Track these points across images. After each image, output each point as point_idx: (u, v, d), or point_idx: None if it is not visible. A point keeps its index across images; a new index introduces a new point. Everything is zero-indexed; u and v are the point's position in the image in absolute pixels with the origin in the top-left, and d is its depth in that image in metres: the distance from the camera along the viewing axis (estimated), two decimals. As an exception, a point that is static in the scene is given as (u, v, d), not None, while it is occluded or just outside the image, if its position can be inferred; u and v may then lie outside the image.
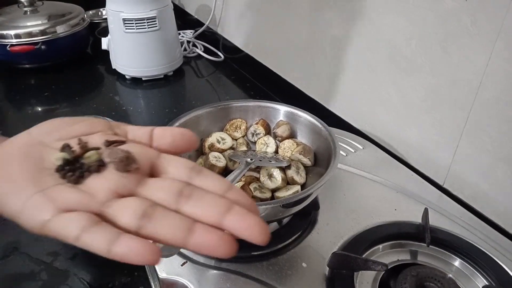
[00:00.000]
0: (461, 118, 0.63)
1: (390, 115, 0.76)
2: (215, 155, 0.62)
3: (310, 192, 0.50)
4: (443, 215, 0.60)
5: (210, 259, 0.53)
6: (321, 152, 0.61)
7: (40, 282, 0.60)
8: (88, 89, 1.14)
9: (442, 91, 0.65)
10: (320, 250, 0.54)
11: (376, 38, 0.74)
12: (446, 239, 0.55)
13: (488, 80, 0.57)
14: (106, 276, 0.61)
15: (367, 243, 0.54)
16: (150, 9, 1.06)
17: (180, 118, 0.63)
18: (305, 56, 0.94)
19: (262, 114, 0.68)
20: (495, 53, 0.55)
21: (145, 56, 1.12)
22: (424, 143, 0.71)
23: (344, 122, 0.88)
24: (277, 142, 0.66)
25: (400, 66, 0.70)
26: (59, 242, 0.66)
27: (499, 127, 0.58)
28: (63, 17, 1.24)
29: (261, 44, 1.12)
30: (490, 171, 0.61)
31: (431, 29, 0.63)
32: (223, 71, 1.25)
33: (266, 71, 1.11)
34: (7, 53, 1.15)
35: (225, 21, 1.28)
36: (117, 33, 1.10)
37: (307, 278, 0.50)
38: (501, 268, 0.51)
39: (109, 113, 1.03)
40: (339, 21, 0.81)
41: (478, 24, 0.56)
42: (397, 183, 0.66)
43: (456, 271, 0.53)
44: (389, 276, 0.51)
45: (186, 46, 1.33)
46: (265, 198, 0.57)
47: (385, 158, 0.73)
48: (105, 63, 1.21)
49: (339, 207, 0.62)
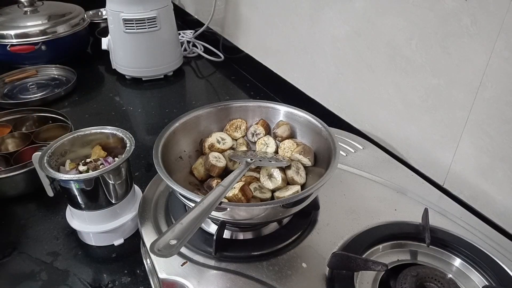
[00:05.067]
0: (461, 118, 0.63)
1: (390, 115, 0.76)
2: (215, 155, 0.62)
3: (310, 192, 0.50)
4: (443, 215, 0.60)
5: (210, 259, 0.53)
6: (321, 152, 0.61)
7: (40, 282, 0.60)
8: (88, 89, 1.14)
9: (442, 91, 0.65)
10: (320, 250, 0.54)
11: (376, 38, 0.74)
12: (446, 239, 0.55)
13: (488, 80, 0.57)
14: (106, 276, 0.61)
15: (367, 243, 0.54)
16: (150, 9, 1.06)
17: (180, 118, 0.63)
18: (305, 56, 0.94)
19: (262, 114, 0.68)
20: (495, 53, 0.55)
21: (145, 56, 1.12)
22: (424, 143, 0.71)
23: (344, 122, 0.88)
24: (277, 142, 0.66)
25: (400, 66, 0.70)
26: (59, 242, 0.66)
27: (499, 127, 0.58)
28: (63, 17, 1.24)
29: (261, 44, 1.12)
30: (490, 171, 0.61)
31: (431, 29, 0.63)
32: (223, 71, 1.25)
33: (266, 71, 1.11)
34: (7, 53, 1.15)
35: (225, 21, 1.28)
36: (117, 33, 1.10)
37: (307, 278, 0.50)
38: (501, 268, 0.51)
39: (109, 113, 1.03)
40: (339, 21, 0.81)
41: (478, 24, 0.56)
42: (397, 183, 0.66)
43: (456, 271, 0.53)
44: (389, 276, 0.51)
45: (186, 46, 1.34)
46: (265, 198, 0.57)
47: (385, 158, 0.73)
48: (105, 63, 1.21)
49: (339, 207, 0.61)
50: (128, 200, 0.64)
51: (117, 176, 0.60)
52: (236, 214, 0.50)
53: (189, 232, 0.42)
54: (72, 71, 1.16)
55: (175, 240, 0.40)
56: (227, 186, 0.49)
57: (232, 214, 0.49)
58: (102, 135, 0.66)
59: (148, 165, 0.83)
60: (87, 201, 0.60)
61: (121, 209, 0.64)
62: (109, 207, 0.62)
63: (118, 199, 0.63)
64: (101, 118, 1.01)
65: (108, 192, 0.60)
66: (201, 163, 0.62)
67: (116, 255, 0.65)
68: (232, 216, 0.50)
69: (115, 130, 0.65)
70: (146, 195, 0.63)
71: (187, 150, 0.64)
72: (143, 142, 0.91)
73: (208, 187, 0.60)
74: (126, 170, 0.62)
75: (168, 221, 0.59)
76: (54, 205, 0.73)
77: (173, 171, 0.56)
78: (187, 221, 0.43)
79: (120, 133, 0.65)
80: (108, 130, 0.66)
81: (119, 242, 0.66)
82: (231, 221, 0.52)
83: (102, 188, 0.59)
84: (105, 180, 0.59)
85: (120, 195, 0.63)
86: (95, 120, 1.00)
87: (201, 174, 0.62)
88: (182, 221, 0.43)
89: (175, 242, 0.40)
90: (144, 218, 0.59)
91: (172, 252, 0.39)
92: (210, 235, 0.55)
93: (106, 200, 0.61)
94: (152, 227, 0.57)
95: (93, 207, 0.61)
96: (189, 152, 0.64)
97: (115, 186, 0.61)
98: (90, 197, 0.60)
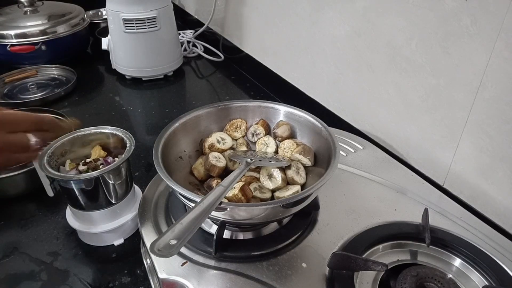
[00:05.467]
0: (461, 118, 0.63)
1: (390, 115, 0.76)
2: (215, 155, 0.62)
3: (310, 192, 0.50)
4: (443, 215, 0.60)
5: (210, 259, 0.53)
6: (321, 152, 0.61)
7: (40, 282, 0.60)
8: (88, 89, 1.14)
9: (442, 91, 0.65)
10: (320, 250, 0.54)
11: (376, 38, 0.74)
12: (446, 239, 0.55)
13: (488, 80, 0.57)
14: (106, 276, 0.61)
15: (367, 243, 0.54)
16: (150, 9, 1.06)
17: (180, 118, 0.63)
18: (305, 56, 0.94)
19: (262, 114, 0.68)
20: (495, 53, 0.55)
21: (145, 56, 1.12)
22: (424, 143, 0.71)
23: (344, 122, 0.88)
24: (277, 142, 0.66)
25: (400, 66, 0.70)
26: (59, 242, 0.66)
27: (499, 127, 0.58)
28: (63, 17, 1.24)
29: (261, 44, 1.12)
30: (490, 171, 0.61)
31: (431, 29, 0.63)
32: (223, 71, 1.25)
33: (266, 71, 1.11)
34: (7, 53, 1.15)
35: (225, 21, 1.28)
36: (117, 33, 1.10)
37: (307, 278, 0.50)
38: (501, 268, 0.51)
39: (109, 113, 1.03)
40: (339, 21, 0.81)
41: (478, 24, 0.56)
42: (397, 183, 0.66)
43: (456, 271, 0.53)
44: (389, 276, 0.51)
45: (186, 46, 1.33)
46: (265, 198, 0.57)
47: (385, 158, 0.73)
48: (105, 63, 1.21)
49: (339, 207, 0.61)
50: (128, 200, 0.64)
51: (117, 176, 0.60)
52: (236, 214, 0.50)
53: (189, 232, 0.42)
54: (72, 71, 1.16)
55: (175, 240, 0.40)
56: (227, 186, 0.49)
57: (232, 214, 0.49)
58: (102, 135, 0.66)
59: (148, 165, 0.83)
60: (87, 201, 0.60)
61: (121, 209, 0.64)
62: (109, 207, 0.62)
63: (118, 199, 0.63)
64: (101, 118, 1.01)
65: (108, 192, 0.60)
66: (201, 163, 0.62)
67: (116, 255, 0.65)
68: (232, 216, 0.50)
69: (115, 130, 0.65)
70: (146, 195, 0.63)
71: (187, 150, 0.64)
72: (143, 142, 0.91)
73: (208, 187, 0.60)
74: (126, 170, 0.62)
75: (168, 221, 0.59)
76: (54, 205, 0.73)
77: (173, 171, 0.56)
78: (187, 221, 0.43)
79: (120, 133, 0.65)
80: (108, 130, 0.66)
81: (119, 242, 0.66)
82: (231, 221, 0.52)
83: (102, 188, 0.59)
84: (105, 180, 0.59)
85: (120, 195, 0.63)
86: (95, 120, 1.00)
87: (201, 174, 0.62)
88: (182, 221, 0.43)
89: (175, 242, 0.40)
90: (144, 218, 0.59)
91: (172, 252, 0.39)
92: (210, 235, 0.55)
93: (106, 200, 0.61)
94: (152, 227, 0.57)
95: (93, 207, 0.61)
96: (189, 152, 0.64)
97: (115, 186, 0.61)
98: (90, 197, 0.60)
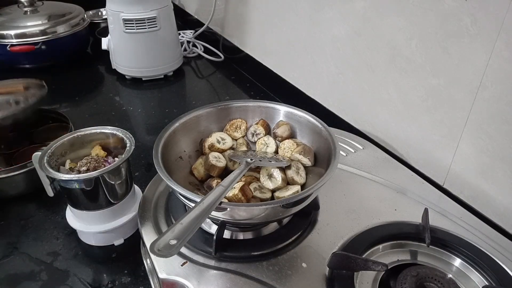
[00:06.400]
0: (461, 118, 0.63)
1: (390, 115, 0.76)
2: (215, 155, 0.62)
3: (310, 192, 0.50)
4: (443, 215, 0.60)
5: (210, 259, 0.53)
6: (321, 152, 0.61)
7: (40, 282, 0.60)
8: (88, 89, 1.14)
9: (442, 91, 0.65)
10: (320, 250, 0.54)
11: (376, 38, 0.74)
12: (446, 239, 0.55)
13: (488, 80, 0.57)
14: (106, 276, 0.61)
15: (367, 243, 0.54)
16: (150, 9, 1.06)
17: (180, 118, 0.63)
18: (305, 56, 0.94)
19: (262, 114, 0.68)
20: (495, 53, 0.55)
21: (145, 56, 1.12)
22: (424, 143, 0.71)
23: (344, 122, 0.88)
24: (277, 142, 0.66)
25: (400, 66, 0.70)
26: (59, 242, 0.66)
27: (499, 127, 0.58)
28: (63, 17, 1.24)
29: (261, 44, 1.12)
30: (490, 171, 0.61)
31: (431, 29, 0.63)
32: (223, 71, 1.25)
33: (266, 71, 1.11)
34: (7, 53, 1.15)
35: (225, 21, 1.28)
36: (117, 33, 1.10)
37: (307, 278, 0.50)
38: (501, 268, 0.51)
39: (109, 113, 1.03)
40: (339, 21, 0.81)
41: (478, 24, 0.56)
42: (397, 183, 0.66)
43: (456, 271, 0.53)
44: (389, 276, 0.51)
45: (186, 46, 1.33)
46: (265, 198, 0.57)
47: (385, 158, 0.73)
48: (105, 63, 1.21)
49: (339, 207, 0.61)
50: (128, 200, 0.64)
51: (117, 176, 0.60)
52: (236, 214, 0.50)
53: (189, 232, 0.42)
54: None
55: (175, 240, 0.40)
56: (227, 186, 0.49)
57: (232, 214, 0.49)
58: (102, 135, 0.66)
59: (148, 165, 0.83)
60: (87, 201, 0.60)
61: (121, 209, 0.64)
62: (109, 207, 0.62)
63: (118, 199, 0.63)
64: (101, 118, 1.01)
65: (108, 192, 0.60)
66: (201, 163, 0.62)
67: (116, 255, 0.65)
68: (232, 216, 0.50)
69: (115, 130, 0.65)
70: (146, 195, 0.63)
71: (187, 150, 0.64)
72: (143, 142, 0.91)
73: (208, 187, 0.60)
74: (126, 170, 0.62)
75: (168, 221, 0.59)
76: (54, 205, 0.73)
77: (173, 171, 0.56)
78: (187, 221, 0.43)
79: (120, 133, 0.65)
80: (108, 130, 0.66)
81: (119, 242, 0.66)
82: (231, 221, 0.52)
83: (102, 188, 0.59)
84: (105, 180, 0.59)
85: (120, 195, 0.63)
86: (95, 120, 1.00)
87: (201, 174, 0.62)
88: (182, 221, 0.43)
89: (175, 242, 0.40)
90: (144, 218, 0.59)
91: (172, 252, 0.39)
92: (210, 235, 0.55)
93: (106, 200, 0.61)
94: (152, 227, 0.57)
95: (93, 207, 0.61)
96: (189, 152, 0.64)
97: (115, 186, 0.61)
98: (90, 197, 0.60)
